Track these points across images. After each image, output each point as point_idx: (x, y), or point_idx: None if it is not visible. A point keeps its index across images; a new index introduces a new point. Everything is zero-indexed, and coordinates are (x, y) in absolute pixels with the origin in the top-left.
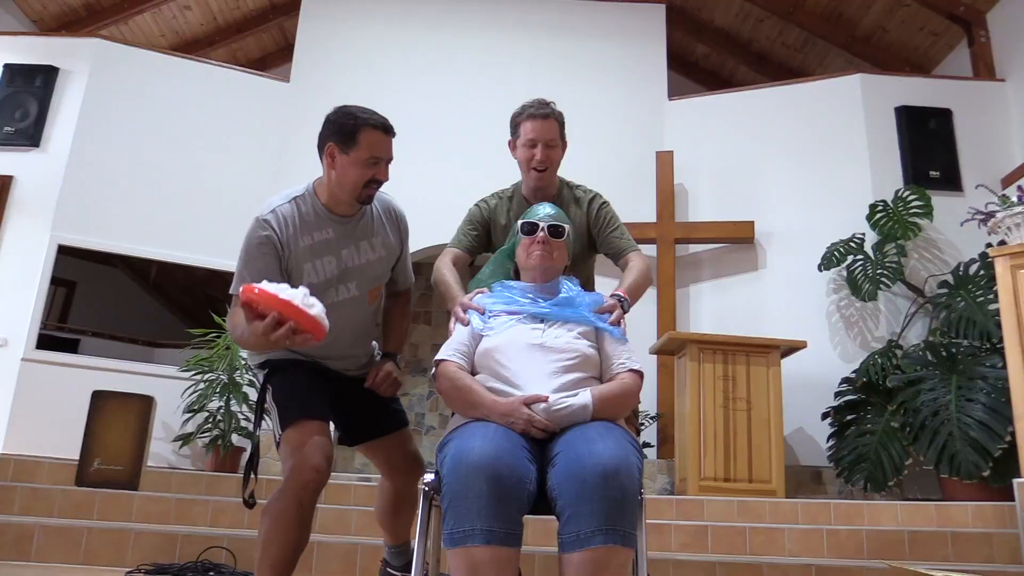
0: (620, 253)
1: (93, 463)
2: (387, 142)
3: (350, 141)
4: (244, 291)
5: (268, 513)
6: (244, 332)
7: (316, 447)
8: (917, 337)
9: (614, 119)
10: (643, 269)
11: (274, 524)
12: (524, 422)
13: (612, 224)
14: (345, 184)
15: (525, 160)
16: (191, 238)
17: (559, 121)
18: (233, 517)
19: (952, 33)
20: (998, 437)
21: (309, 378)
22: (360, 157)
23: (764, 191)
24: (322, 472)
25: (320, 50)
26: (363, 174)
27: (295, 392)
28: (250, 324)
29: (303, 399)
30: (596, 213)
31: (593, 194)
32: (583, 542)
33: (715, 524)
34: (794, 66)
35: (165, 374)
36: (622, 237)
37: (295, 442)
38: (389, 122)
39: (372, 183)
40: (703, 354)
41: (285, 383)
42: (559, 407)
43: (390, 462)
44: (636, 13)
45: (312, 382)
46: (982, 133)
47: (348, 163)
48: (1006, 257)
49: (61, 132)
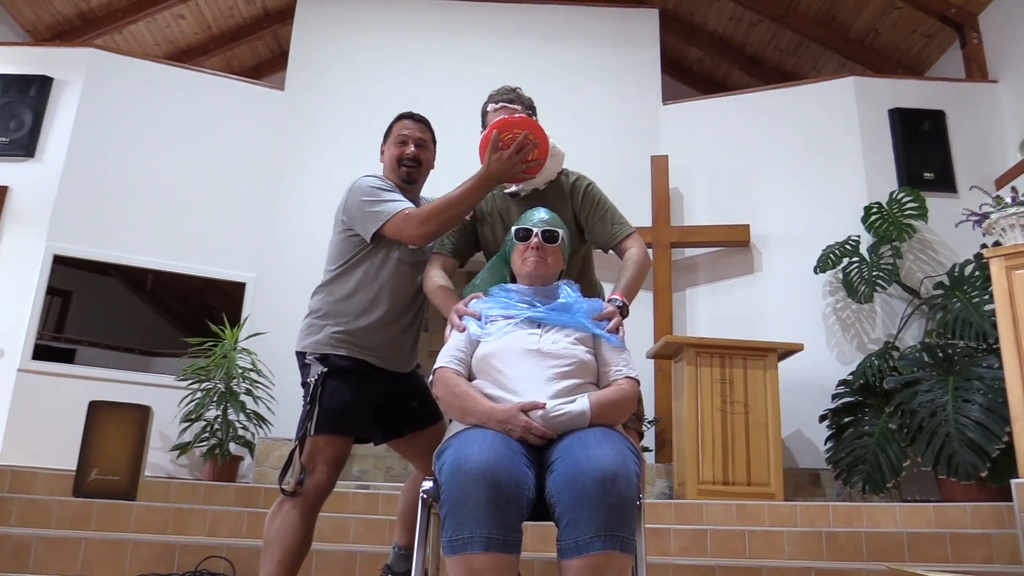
0: (612, 241)
1: (90, 473)
2: (413, 126)
3: (388, 134)
4: (492, 125)
5: (276, 515)
6: (463, 190)
7: (335, 460)
8: (913, 339)
9: (609, 124)
10: (639, 260)
11: (282, 524)
12: (522, 429)
13: (601, 208)
14: (390, 165)
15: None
16: (187, 247)
17: (526, 105)
18: (231, 527)
19: (944, 35)
20: (995, 437)
21: (361, 391)
22: (393, 140)
23: (759, 194)
24: (332, 481)
25: (314, 58)
26: (397, 152)
27: (342, 403)
28: (495, 153)
29: (345, 412)
30: (582, 198)
31: (576, 176)
32: (582, 548)
33: (714, 528)
34: (788, 69)
35: (162, 383)
36: (614, 222)
37: (319, 450)
38: (418, 113)
39: (408, 161)
40: (700, 358)
41: (337, 391)
42: (557, 414)
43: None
44: (630, 18)
45: (361, 396)
46: (975, 134)
47: (387, 149)
48: (1001, 258)
49: (56, 142)
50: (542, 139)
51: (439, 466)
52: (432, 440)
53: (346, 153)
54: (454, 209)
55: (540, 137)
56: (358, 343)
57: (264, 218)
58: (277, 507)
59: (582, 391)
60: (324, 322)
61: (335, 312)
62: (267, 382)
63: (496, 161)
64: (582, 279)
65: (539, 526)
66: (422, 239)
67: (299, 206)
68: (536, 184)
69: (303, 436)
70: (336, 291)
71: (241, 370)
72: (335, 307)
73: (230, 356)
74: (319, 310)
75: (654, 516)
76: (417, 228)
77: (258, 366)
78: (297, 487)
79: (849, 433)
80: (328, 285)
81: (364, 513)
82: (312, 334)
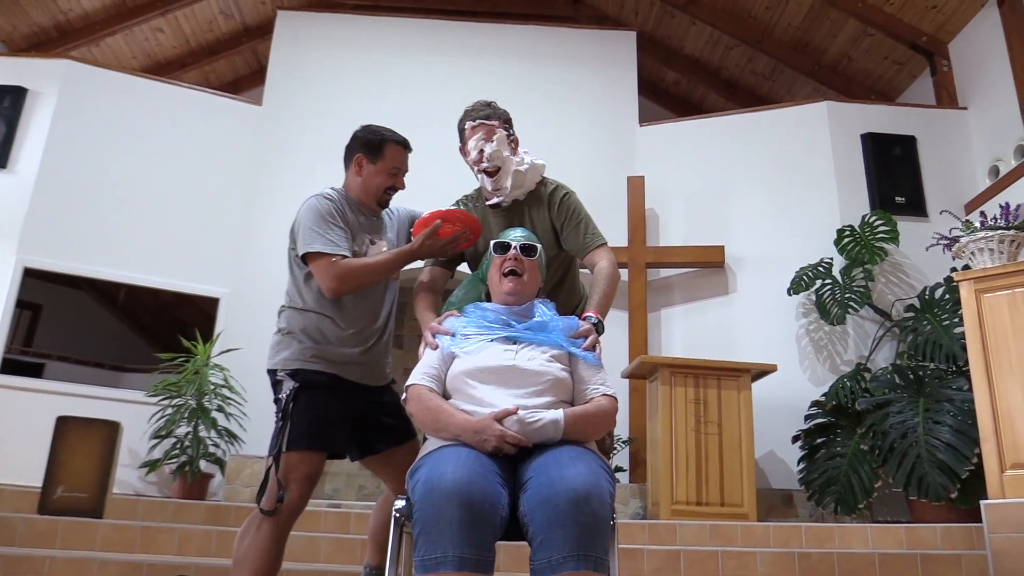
0: (583, 251)
1: (56, 490)
2: (406, 156)
3: (377, 153)
4: (438, 213)
5: (247, 533)
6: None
7: (307, 478)
8: (885, 360)
9: (585, 144)
10: (609, 276)
11: (253, 543)
12: (496, 438)
13: (575, 217)
14: (369, 189)
15: (472, 163)
16: (160, 261)
17: (503, 119)
18: (200, 545)
19: (915, 62)
20: (965, 459)
21: (334, 405)
22: (384, 167)
23: (734, 216)
24: (304, 499)
25: (293, 73)
26: (385, 181)
27: (314, 418)
28: (430, 239)
29: (318, 427)
30: (558, 206)
31: (555, 185)
32: (555, 568)
33: (687, 548)
34: (763, 93)
35: (132, 399)
36: (586, 232)
37: (292, 467)
38: (408, 140)
39: (391, 190)
40: (675, 378)
41: (309, 406)
42: (531, 420)
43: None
44: (607, 40)
45: (334, 412)
46: (945, 160)
47: (374, 172)
48: (970, 281)
49: (29, 153)
50: (477, 234)
51: (412, 484)
52: (407, 457)
53: (322, 169)
54: (374, 276)
55: (476, 232)
56: (329, 357)
57: (239, 233)
58: (249, 525)
59: (556, 408)
60: (293, 338)
61: (304, 327)
62: (239, 399)
63: (428, 247)
64: (562, 287)
65: (512, 546)
66: (331, 293)
67: (274, 221)
68: (516, 195)
69: (276, 453)
70: (303, 306)
71: (213, 386)
72: (303, 322)
73: (202, 372)
74: (287, 327)
75: (628, 536)
76: (332, 281)
77: (230, 382)
78: (277, 505)
79: (822, 454)
80: (294, 301)
81: (335, 532)
82: (282, 350)
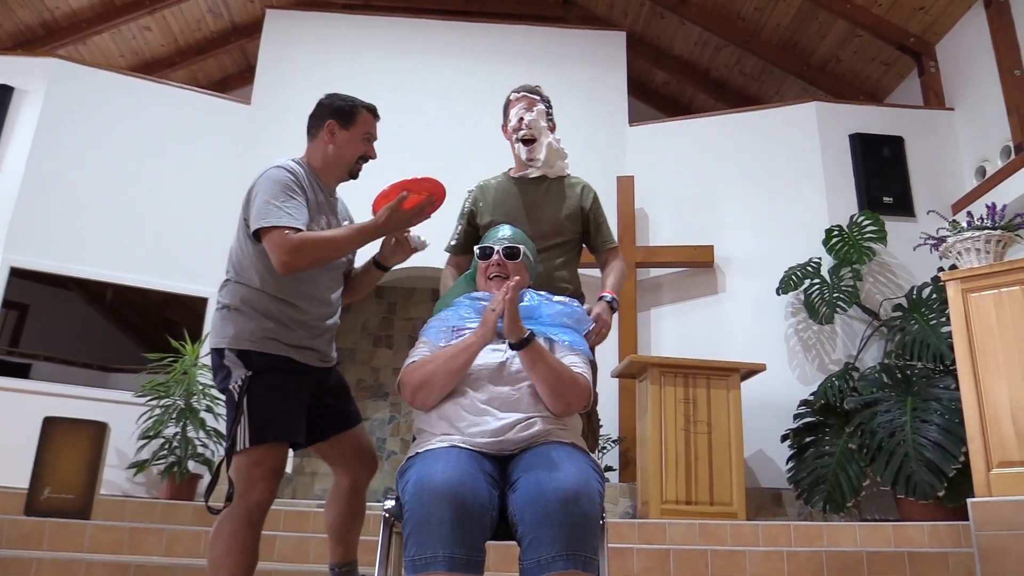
0: (600, 248)
1: (43, 491)
2: (376, 123)
3: (349, 120)
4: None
5: (220, 536)
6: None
7: (274, 472)
8: (873, 359)
9: (575, 144)
10: (622, 270)
11: (227, 547)
12: (497, 304)
13: (600, 217)
14: (342, 157)
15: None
16: (148, 261)
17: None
18: (189, 546)
19: (903, 63)
20: (952, 457)
21: (290, 391)
22: (358, 134)
23: (723, 216)
24: (274, 495)
25: (281, 72)
26: (359, 148)
27: (272, 409)
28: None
29: (280, 419)
30: (592, 202)
31: (584, 183)
32: (544, 568)
33: (677, 548)
34: (751, 93)
35: (120, 399)
36: (604, 233)
37: (256, 462)
38: (376, 107)
39: (363, 159)
40: (664, 377)
41: (266, 396)
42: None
43: (353, 455)
44: (597, 40)
45: (292, 396)
46: (933, 160)
47: (347, 138)
48: (957, 281)
49: (15, 152)
50: (441, 198)
51: (402, 484)
52: (354, 444)
53: None
54: (332, 252)
55: (440, 198)
56: (280, 339)
57: (227, 232)
58: (219, 529)
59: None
60: (241, 315)
61: (253, 303)
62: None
63: (396, 220)
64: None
65: (502, 545)
66: (282, 267)
67: None
68: (546, 172)
69: (231, 449)
70: (252, 284)
71: (202, 387)
72: (251, 298)
73: (190, 372)
74: (231, 302)
75: (617, 536)
76: (284, 255)
77: None
78: (226, 503)
79: (810, 453)
80: (242, 276)
81: (325, 533)
82: (228, 327)
